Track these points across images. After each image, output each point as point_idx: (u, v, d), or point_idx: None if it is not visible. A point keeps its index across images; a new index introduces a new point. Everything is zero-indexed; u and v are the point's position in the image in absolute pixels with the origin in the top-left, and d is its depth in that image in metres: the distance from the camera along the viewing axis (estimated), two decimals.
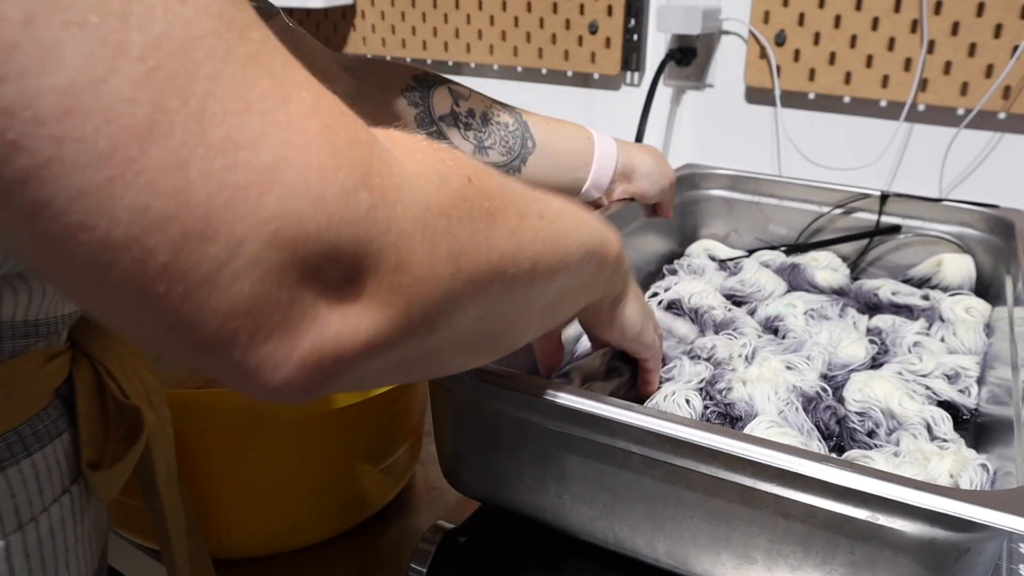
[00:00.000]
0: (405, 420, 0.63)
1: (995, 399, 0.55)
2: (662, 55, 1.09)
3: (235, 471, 0.56)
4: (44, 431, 0.38)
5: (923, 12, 0.91)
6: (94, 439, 0.42)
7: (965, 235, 0.81)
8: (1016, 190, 0.95)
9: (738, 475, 0.40)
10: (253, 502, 0.57)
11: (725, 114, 1.11)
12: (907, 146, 1.00)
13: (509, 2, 1.20)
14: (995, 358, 0.62)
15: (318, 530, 0.61)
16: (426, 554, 0.52)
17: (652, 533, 0.45)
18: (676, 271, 0.83)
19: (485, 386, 0.47)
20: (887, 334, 0.67)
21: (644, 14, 1.12)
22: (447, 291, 0.27)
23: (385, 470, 0.62)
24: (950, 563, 0.37)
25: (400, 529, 0.64)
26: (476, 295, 0.29)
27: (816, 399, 0.56)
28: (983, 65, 0.90)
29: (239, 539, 0.59)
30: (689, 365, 0.60)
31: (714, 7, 1.04)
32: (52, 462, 0.38)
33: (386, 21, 1.35)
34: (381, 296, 0.24)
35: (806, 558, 0.40)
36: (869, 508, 0.37)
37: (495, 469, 0.50)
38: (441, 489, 0.67)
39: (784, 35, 1.00)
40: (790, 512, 0.39)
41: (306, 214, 0.21)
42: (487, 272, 0.29)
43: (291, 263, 0.21)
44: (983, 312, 0.70)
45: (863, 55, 0.97)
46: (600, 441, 0.44)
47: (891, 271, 0.83)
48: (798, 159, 1.07)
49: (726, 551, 0.42)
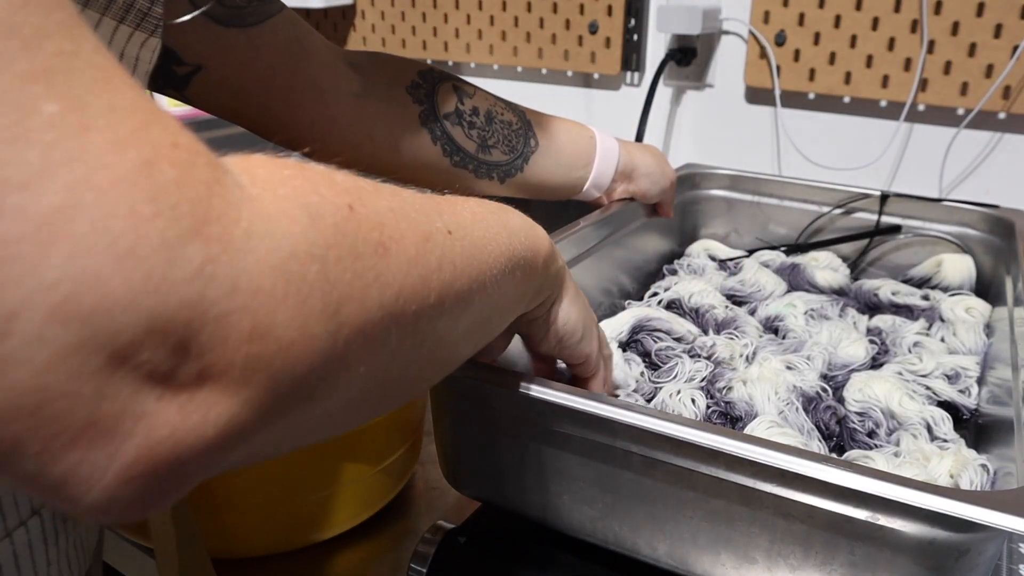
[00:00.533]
0: (405, 420, 0.63)
1: (995, 399, 0.55)
2: (662, 55, 1.09)
3: (235, 471, 0.56)
4: None
5: (923, 12, 0.91)
6: None
7: (965, 235, 0.81)
8: (1016, 190, 0.95)
9: (738, 475, 0.40)
10: (253, 502, 0.57)
11: (725, 114, 1.11)
12: (907, 146, 1.00)
13: (509, 2, 1.20)
14: (995, 358, 0.62)
15: (318, 530, 0.61)
16: (426, 554, 0.52)
17: (652, 533, 0.45)
18: (676, 271, 0.83)
19: (485, 386, 0.47)
20: (887, 334, 0.67)
21: (644, 14, 1.12)
22: (325, 353, 0.22)
23: (385, 470, 0.62)
24: (950, 563, 0.37)
25: (400, 529, 0.64)
26: (368, 347, 0.24)
27: (816, 399, 0.56)
28: (983, 65, 0.90)
29: (239, 539, 0.59)
30: (689, 363, 0.60)
31: (714, 7, 1.04)
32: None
33: (386, 21, 1.35)
34: (233, 375, 0.19)
35: (806, 558, 0.40)
36: (869, 508, 0.37)
37: (495, 469, 0.50)
38: (441, 489, 0.67)
39: (784, 35, 1.00)
40: (790, 512, 0.39)
41: (109, 276, 0.16)
42: (380, 318, 0.24)
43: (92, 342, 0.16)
44: (983, 312, 0.70)
45: (863, 55, 0.97)
46: (600, 441, 0.44)
47: (891, 271, 0.84)
48: (798, 159, 1.07)
49: (726, 551, 0.42)
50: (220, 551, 0.60)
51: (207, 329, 0.18)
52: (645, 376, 0.60)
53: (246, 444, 0.21)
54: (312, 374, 0.22)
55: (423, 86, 0.62)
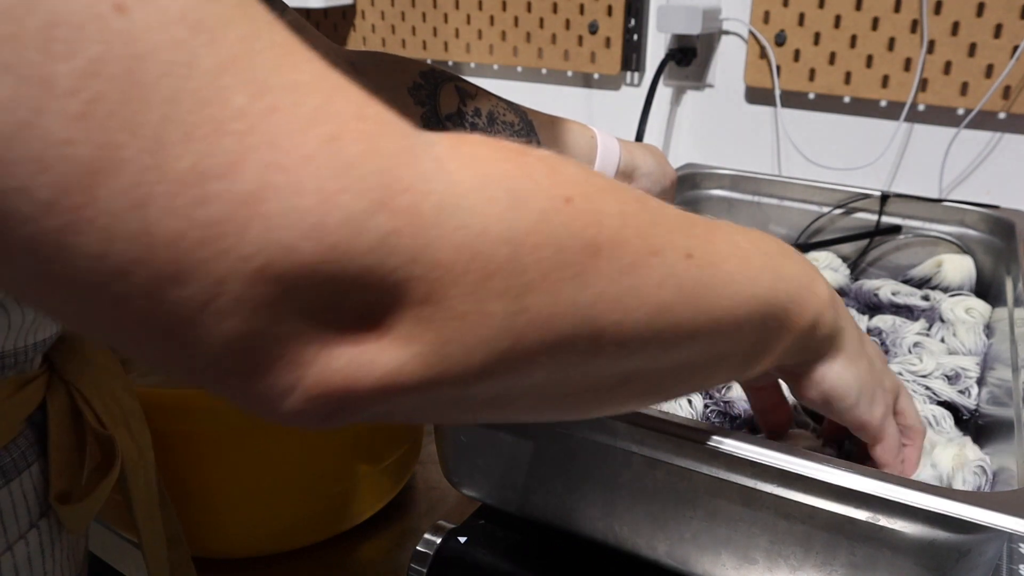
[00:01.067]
0: None
1: (995, 400, 0.55)
2: (662, 55, 1.09)
3: (235, 471, 0.56)
4: (12, 464, 0.36)
5: (923, 12, 0.91)
6: (65, 470, 0.39)
7: (965, 236, 0.81)
8: (1016, 190, 0.95)
9: (739, 476, 0.40)
10: (253, 502, 0.57)
11: (725, 114, 1.11)
12: (907, 146, 1.00)
13: (509, 2, 1.20)
14: (995, 359, 0.62)
15: (318, 530, 0.61)
16: (426, 554, 0.51)
17: (652, 533, 0.45)
18: None
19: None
20: (887, 334, 0.67)
21: (644, 14, 1.12)
22: (501, 331, 0.23)
23: (385, 470, 0.62)
24: (950, 564, 0.37)
25: (400, 529, 0.63)
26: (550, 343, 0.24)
27: None
28: (983, 65, 0.90)
29: (238, 539, 0.59)
30: None
31: (714, 7, 1.04)
32: (19, 497, 0.36)
33: (386, 21, 1.35)
34: (404, 331, 0.21)
35: (806, 559, 0.40)
36: (870, 509, 0.37)
37: (495, 469, 0.50)
38: (441, 489, 0.67)
39: (784, 35, 1.00)
40: (791, 513, 0.39)
41: (298, 248, 0.19)
42: (570, 315, 0.24)
43: (284, 299, 0.19)
44: (983, 313, 0.70)
45: (863, 55, 0.97)
46: (601, 441, 0.44)
47: (891, 271, 0.83)
48: (798, 159, 1.07)
49: (727, 551, 0.42)
50: (220, 551, 0.60)
51: (387, 291, 0.21)
52: None
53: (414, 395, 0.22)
54: (484, 349, 0.23)
55: (425, 87, 0.62)
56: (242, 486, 0.57)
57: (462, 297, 0.21)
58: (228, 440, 0.55)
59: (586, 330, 0.24)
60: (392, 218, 0.20)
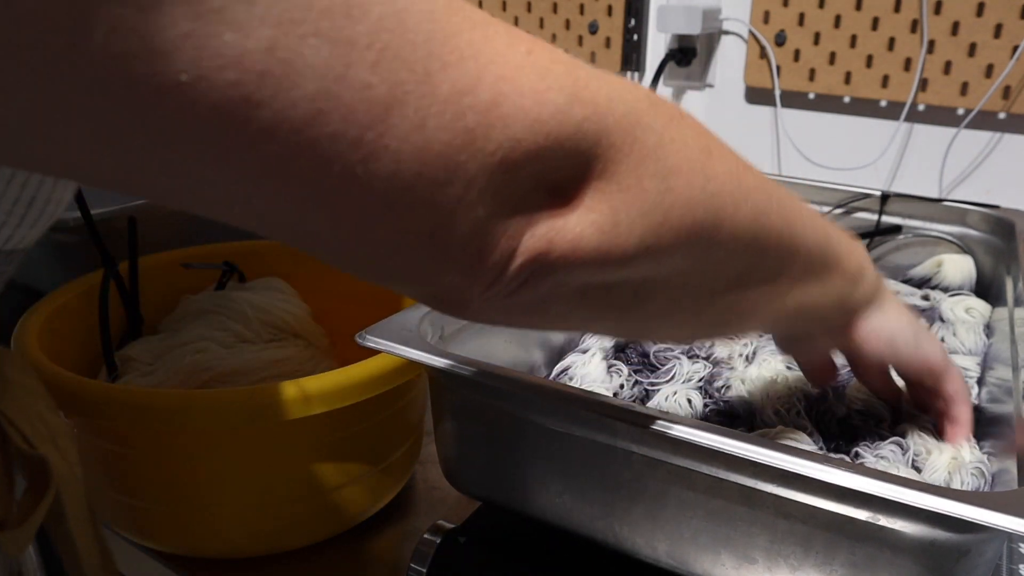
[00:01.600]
0: (405, 420, 0.63)
1: (995, 399, 0.55)
2: (662, 55, 1.09)
3: (234, 471, 0.56)
4: None
5: (923, 12, 0.91)
6: None
7: (965, 235, 0.81)
8: (1016, 190, 0.94)
9: (739, 475, 0.40)
10: (252, 502, 0.57)
11: (725, 114, 1.11)
12: (907, 146, 1.00)
13: (509, 2, 1.20)
14: (995, 359, 0.62)
15: (318, 530, 0.61)
16: (426, 554, 0.51)
17: (652, 533, 0.45)
18: None
19: (485, 386, 0.47)
20: None
21: (644, 14, 1.12)
22: (654, 205, 0.28)
23: (385, 470, 0.62)
24: (951, 564, 0.37)
25: (400, 529, 0.63)
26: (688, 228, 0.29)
27: (817, 399, 0.56)
28: (983, 65, 0.90)
29: (238, 539, 0.59)
30: (687, 364, 0.60)
31: (714, 7, 1.04)
32: None
33: None
34: (588, 201, 0.26)
35: (806, 558, 0.40)
36: (870, 509, 0.37)
37: (495, 469, 0.50)
38: (441, 489, 0.67)
39: (784, 35, 1.00)
40: (791, 512, 0.39)
41: (526, 138, 0.23)
42: (701, 201, 0.30)
43: (513, 183, 0.24)
44: (983, 313, 0.70)
45: (863, 55, 0.97)
46: (601, 441, 0.44)
47: (891, 271, 0.83)
48: (798, 159, 1.07)
49: (726, 551, 0.42)
50: (220, 551, 0.60)
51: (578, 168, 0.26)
52: (625, 388, 0.59)
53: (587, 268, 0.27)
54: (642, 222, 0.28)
55: None
56: (241, 486, 0.57)
57: (626, 173, 0.27)
58: (226, 441, 0.55)
59: (711, 218, 0.30)
60: (583, 108, 0.25)
